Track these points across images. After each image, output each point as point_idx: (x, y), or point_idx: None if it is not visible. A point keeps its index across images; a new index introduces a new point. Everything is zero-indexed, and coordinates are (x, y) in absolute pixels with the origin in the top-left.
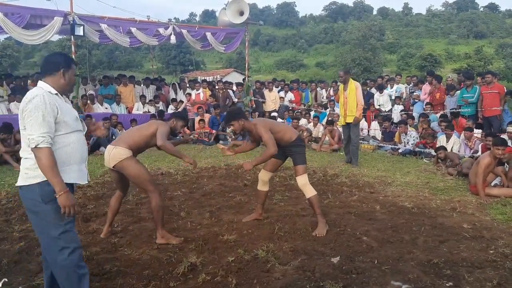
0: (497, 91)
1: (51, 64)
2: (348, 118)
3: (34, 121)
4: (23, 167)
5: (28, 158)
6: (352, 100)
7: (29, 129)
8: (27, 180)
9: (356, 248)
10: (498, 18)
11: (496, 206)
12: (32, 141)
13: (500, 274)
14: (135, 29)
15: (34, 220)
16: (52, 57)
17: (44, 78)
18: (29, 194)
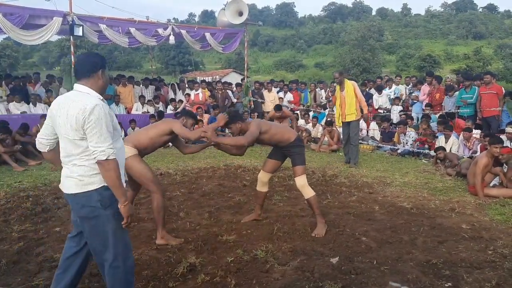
0: (496, 91)
1: (89, 65)
2: (348, 117)
3: (99, 133)
4: (76, 174)
5: (82, 166)
6: (351, 98)
7: (95, 140)
8: (83, 187)
9: (355, 249)
10: (497, 18)
11: (495, 207)
12: (102, 153)
13: (499, 275)
14: (134, 29)
15: (90, 227)
16: (89, 58)
17: (81, 81)
18: (85, 200)
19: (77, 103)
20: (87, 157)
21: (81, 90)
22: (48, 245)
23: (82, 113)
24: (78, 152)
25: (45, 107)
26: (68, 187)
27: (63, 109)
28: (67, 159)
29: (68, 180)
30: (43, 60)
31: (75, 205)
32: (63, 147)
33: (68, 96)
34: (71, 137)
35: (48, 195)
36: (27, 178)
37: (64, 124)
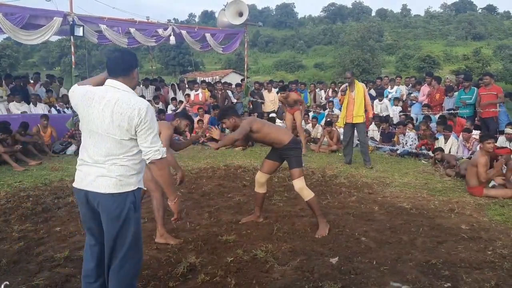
0: (495, 92)
1: (126, 63)
2: (355, 118)
3: (154, 133)
4: (115, 173)
5: (124, 166)
6: (360, 100)
7: (150, 140)
8: (121, 188)
9: (355, 249)
10: (496, 19)
11: (494, 207)
12: (156, 153)
13: (498, 275)
14: (133, 29)
15: (117, 227)
16: (126, 56)
17: (117, 78)
18: (121, 201)
19: (127, 102)
20: (130, 157)
21: (122, 88)
22: (48, 245)
23: (137, 114)
24: (121, 152)
25: (45, 107)
26: (104, 186)
27: (104, 105)
28: (104, 158)
29: (104, 179)
30: (43, 60)
31: (108, 205)
32: (99, 146)
33: (107, 92)
34: (118, 137)
35: (49, 195)
36: (27, 178)
37: (109, 123)
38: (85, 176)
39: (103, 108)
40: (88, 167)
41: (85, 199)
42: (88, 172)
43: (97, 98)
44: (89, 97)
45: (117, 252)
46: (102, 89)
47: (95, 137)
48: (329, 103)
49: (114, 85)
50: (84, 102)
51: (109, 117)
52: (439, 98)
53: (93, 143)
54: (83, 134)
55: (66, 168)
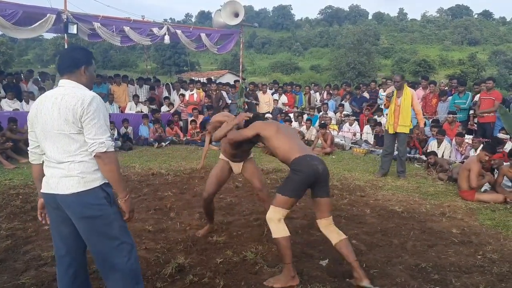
0: (494, 98)
1: (70, 60)
2: (400, 127)
3: (98, 124)
4: (76, 171)
5: (82, 162)
6: (406, 108)
7: (94, 132)
8: (87, 184)
9: None
10: (492, 25)
11: (485, 212)
12: (101, 145)
13: (487, 279)
14: (128, 28)
15: (95, 227)
16: (72, 53)
17: (63, 76)
18: (90, 198)
19: (72, 95)
20: (86, 152)
21: (70, 85)
22: (36, 244)
23: (80, 104)
24: (75, 148)
25: None
26: (67, 187)
27: (52, 104)
28: (62, 157)
29: (66, 180)
30: (38, 57)
31: (77, 206)
32: (56, 146)
33: (55, 91)
34: (67, 132)
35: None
36: (17, 176)
37: (57, 119)
38: (49, 178)
39: (52, 106)
40: (51, 169)
41: (55, 204)
42: (52, 174)
43: (47, 98)
44: (41, 101)
45: (109, 254)
46: (54, 90)
47: (50, 137)
48: (324, 105)
49: (62, 84)
50: (36, 106)
51: (57, 113)
52: (436, 103)
53: (49, 143)
54: (38, 137)
55: None
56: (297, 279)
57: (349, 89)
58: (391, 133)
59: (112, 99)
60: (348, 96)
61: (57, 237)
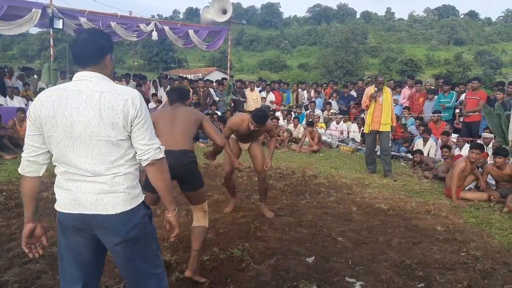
0: (478, 98)
1: (95, 47)
2: (383, 126)
3: (150, 127)
4: (122, 186)
5: (128, 174)
6: (388, 107)
7: (148, 136)
8: (133, 202)
9: (331, 249)
10: (477, 25)
11: (469, 210)
12: (157, 151)
13: (471, 276)
14: (114, 23)
15: (139, 249)
16: (95, 38)
17: (86, 68)
18: (136, 217)
19: (113, 93)
20: (131, 162)
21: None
22: (20, 241)
23: (132, 104)
24: (118, 157)
25: (22, 100)
26: (112, 205)
27: (85, 102)
28: (100, 168)
29: (109, 197)
30: (23, 53)
31: (121, 228)
32: (91, 154)
33: (83, 86)
34: (114, 138)
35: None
36: (1, 172)
37: (98, 122)
38: (78, 195)
39: (85, 107)
40: (81, 183)
41: (83, 226)
42: (83, 190)
43: (72, 95)
44: (60, 96)
45: (148, 276)
46: (74, 84)
47: (81, 144)
48: (311, 103)
49: (88, 77)
50: (55, 103)
51: (97, 116)
52: (423, 102)
53: (78, 151)
54: (56, 143)
55: None
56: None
57: (336, 87)
58: (367, 132)
59: None
60: (335, 94)
61: (72, 267)
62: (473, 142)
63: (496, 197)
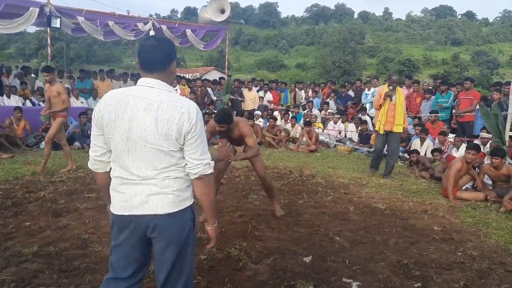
0: (472, 97)
1: (163, 54)
2: (396, 127)
3: (204, 142)
4: (172, 188)
5: (178, 178)
6: (401, 107)
7: (199, 152)
8: (180, 204)
9: (329, 248)
10: (475, 26)
11: (466, 209)
12: (206, 167)
13: (467, 276)
14: (112, 22)
15: (178, 252)
16: (163, 45)
17: (152, 74)
18: (181, 219)
19: (171, 104)
20: (182, 168)
21: (161, 87)
22: (16, 240)
23: (187, 119)
24: (169, 165)
25: (20, 99)
26: (161, 206)
27: (144, 110)
28: (151, 173)
29: (158, 198)
30: (20, 51)
31: (168, 228)
32: (144, 160)
33: (144, 93)
34: (166, 149)
35: (20, 189)
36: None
37: (153, 132)
38: (131, 197)
39: (143, 114)
40: (134, 186)
41: (132, 226)
42: (135, 192)
43: (133, 101)
44: (121, 101)
45: (177, 279)
46: (137, 89)
47: (136, 149)
48: (309, 103)
49: (151, 84)
50: (116, 107)
51: (153, 125)
52: (420, 102)
53: (133, 156)
54: (114, 145)
55: (39, 162)
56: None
57: (334, 87)
58: (382, 133)
59: (96, 95)
60: (333, 94)
61: (124, 261)
62: (470, 143)
63: (493, 197)
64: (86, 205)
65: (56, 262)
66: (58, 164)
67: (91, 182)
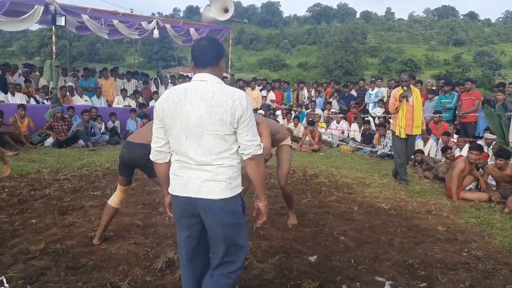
0: (474, 97)
1: (214, 51)
2: (415, 129)
3: (254, 125)
4: (225, 176)
5: (231, 166)
6: (419, 107)
7: (251, 133)
8: (232, 191)
9: (334, 248)
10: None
11: (470, 210)
12: (257, 147)
13: (473, 276)
14: (117, 21)
15: (228, 233)
16: (214, 43)
17: (205, 69)
18: (233, 205)
19: (223, 93)
20: (234, 156)
21: (214, 80)
22: (23, 237)
23: (239, 104)
24: (223, 149)
25: (24, 97)
26: (214, 192)
27: (200, 100)
28: (207, 159)
29: (211, 184)
30: (23, 49)
31: (220, 213)
32: (201, 146)
33: (198, 86)
34: (221, 132)
35: (25, 186)
36: (3, 169)
37: (209, 118)
38: (188, 181)
39: (199, 104)
40: (191, 171)
41: (187, 206)
42: (191, 176)
43: (190, 93)
44: (180, 94)
45: (229, 262)
46: (193, 83)
47: (193, 136)
48: (312, 103)
49: (205, 78)
50: (175, 100)
51: (208, 112)
52: (423, 102)
53: (190, 143)
54: (175, 135)
55: (44, 160)
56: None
57: (337, 87)
58: (403, 138)
59: (100, 93)
60: (336, 94)
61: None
62: (473, 143)
63: (497, 197)
64: (91, 203)
65: (63, 260)
66: (62, 162)
67: (96, 180)
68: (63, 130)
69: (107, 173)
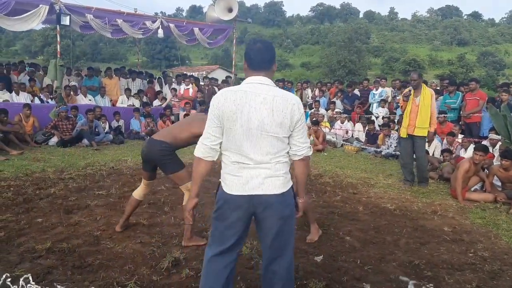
0: (479, 98)
1: (269, 54)
2: (418, 130)
3: (306, 128)
4: (282, 171)
5: (285, 163)
6: (426, 108)
7: (304, 136)
8: (287, 185)
9: (339, 248)
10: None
11: (475, 211)
12: (308, 149)
13: (479, 277)
14: (121, 20)
15: (285, 227)
16: (269, 46)
17: (260, 72)
18: (289, 198)
19: (283, 97)
20: (286, 154)
21: (271, 84)
22: (30, 236)
23: (297, 109)
24: (281, 149)
25: (28, 96)
26: (275, 187)
27: (261, 103)
28: (264, 158)
29: (272, 180)
30: (26, 48)
31: (279, 206)
32: (259, 146)
33: (258, 88)
34: (280, 135)
35: (30, 185)
36: (8, 167)
37: (270, 121)
38: (248, 180)
39: (260, 106)
40: (250, 170)
41: (246, 205)
42: (251, 175)
43: (251, 95)
44: (240, 96)
45: (282, 251)
46: (252, 86)
47: (252, 137)
48: (316, 102)
49: (262, 81)
50: (236, 101)
51: (270, 115)
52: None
53: (249, 143)
54: (234, 135)
55: (48, 159)
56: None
57: (341, 86)
58: (404, 137)
59: (104, 92)
60: (339, 93)
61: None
62: (477, 144)
63: (503, 198)
64: (96, 202)
65: (70, 259)
66: (67, 161)
67: (100, 179)
68: (68, 129)
69: (111, 173)
